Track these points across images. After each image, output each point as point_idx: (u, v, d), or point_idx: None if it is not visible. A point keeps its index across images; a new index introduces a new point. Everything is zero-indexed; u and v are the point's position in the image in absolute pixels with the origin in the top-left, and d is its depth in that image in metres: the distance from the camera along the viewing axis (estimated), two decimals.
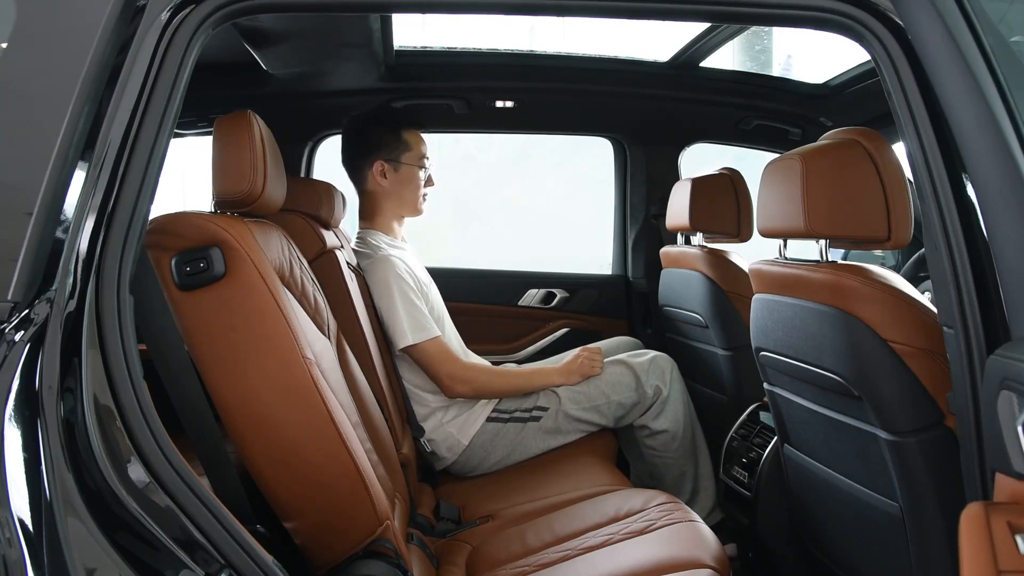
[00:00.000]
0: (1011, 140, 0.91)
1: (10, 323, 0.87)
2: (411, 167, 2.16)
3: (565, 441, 2.09)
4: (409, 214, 2.23)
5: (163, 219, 1.19)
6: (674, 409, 2.13)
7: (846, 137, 1.32)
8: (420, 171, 2.17)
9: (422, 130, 2.21)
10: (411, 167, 2.16)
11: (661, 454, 2.14)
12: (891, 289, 1.24)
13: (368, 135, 2.17)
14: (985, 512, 0.80)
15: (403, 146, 2.15)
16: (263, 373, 1.18)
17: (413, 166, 2.16)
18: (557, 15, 1.31)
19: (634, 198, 2.82)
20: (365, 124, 2.19)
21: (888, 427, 1.23)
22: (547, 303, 2.82)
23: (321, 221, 1.99)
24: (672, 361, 2.19)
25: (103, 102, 0.98)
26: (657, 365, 2.15)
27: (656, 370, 2.14)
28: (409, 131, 2.17)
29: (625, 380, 2.11)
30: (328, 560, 1.23)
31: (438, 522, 1.79)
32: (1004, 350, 0.90)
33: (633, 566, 1.40)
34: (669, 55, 2.43)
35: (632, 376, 2.12)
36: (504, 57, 2.51)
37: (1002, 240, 0.91)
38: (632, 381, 2.11)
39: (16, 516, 0.79)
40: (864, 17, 1.06)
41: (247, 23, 1.80)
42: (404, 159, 2.15)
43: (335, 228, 2.13)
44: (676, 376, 2.17)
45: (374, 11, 1.78)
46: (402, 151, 2.15)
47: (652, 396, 2.12)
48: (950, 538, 0.86)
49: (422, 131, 2.20)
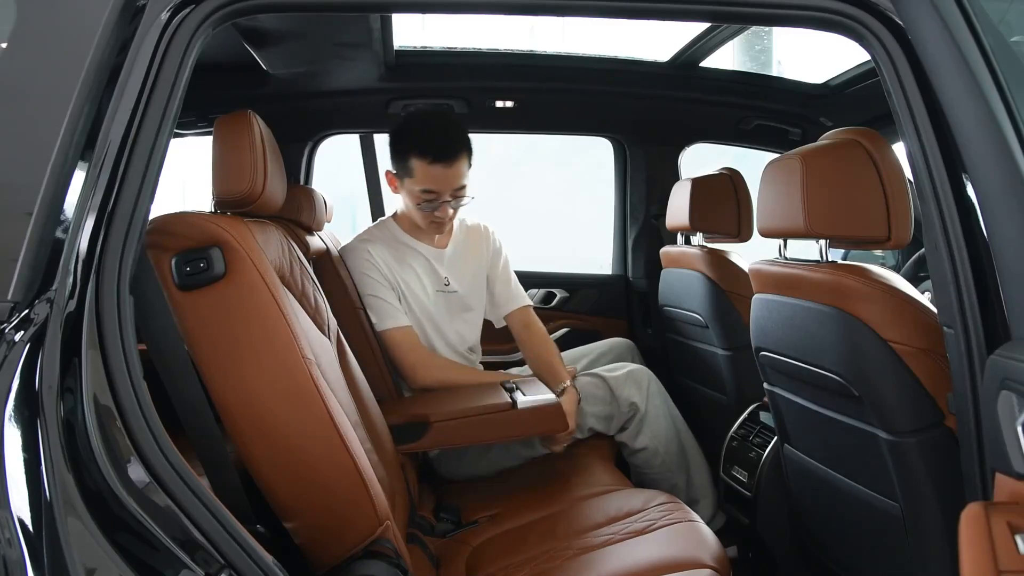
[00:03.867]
0: (1011, 140, 0.91)
1: (10, 323, 0.87)
2: (409, 193, 2.03)
3: (539, 453, 2.06)
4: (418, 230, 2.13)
5: (163, 219, 1.19)
6: (654, 425, 2.09)
7: (846, 137, 1.32)
8: (417, 203, 2.02)
9: (437, 164, 1.96)
10: (409, 193, 2.03)
11: (645, 470, 2.13)
12: (891, 289, 1.24)
13: (392, 137, 2.06)
14: (985, 512, 0.80)
15: (407, 171, 2.00)
16: (263, 373, 1.18)
17: (411, 193, 2.03)
18: (557, 15, 1.31)
19: (634, 198, 2.83)
20: (397, 125, 2.08)
21: (888, 427, 1.23)
22: (547, 303, 2.82)
23: (303, 226, 1.99)
24: (651, 374, 2.15)
25: (103, 102, 0.98)
26: (634, 379, 2.10)
27: (632, 384, 2.09)
28: (420, 160, 1.97)
29: (598, 392, 2.09)
30: (328, 560, 1.23)
31: (438, 522, 1.79)
32: (1004, 350, 0.90)
33: (633, 566, 1.40)
34: (669, 55, 2.43)
35: (606, 389, 2.09)
36: (504, 57, 2.51)
37: (1002, 240, 0.91)
38: (605, 394, 2.09)
39: (16, 516, 0.79)
40: (864, 17, 1.06)
41: (247, 23, 1.80)
42: (406, 183, 2.02)
43: (319, 232, 2.14)
44: (656, 390, 2.12)
45: (374, 11, 1.79)
46: (405, 175, 2.02)
47: (627, 411, 2.08)
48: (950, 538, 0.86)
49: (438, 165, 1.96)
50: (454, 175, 1.98)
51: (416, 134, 1.99)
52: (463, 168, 2.00)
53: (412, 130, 2.02)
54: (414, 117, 2.13)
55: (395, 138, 2.04)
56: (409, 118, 2.13)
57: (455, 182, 2.00)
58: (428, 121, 2.05)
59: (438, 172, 1.97)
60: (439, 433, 1.83)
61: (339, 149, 2.83)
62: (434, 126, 2.01)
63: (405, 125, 2.05)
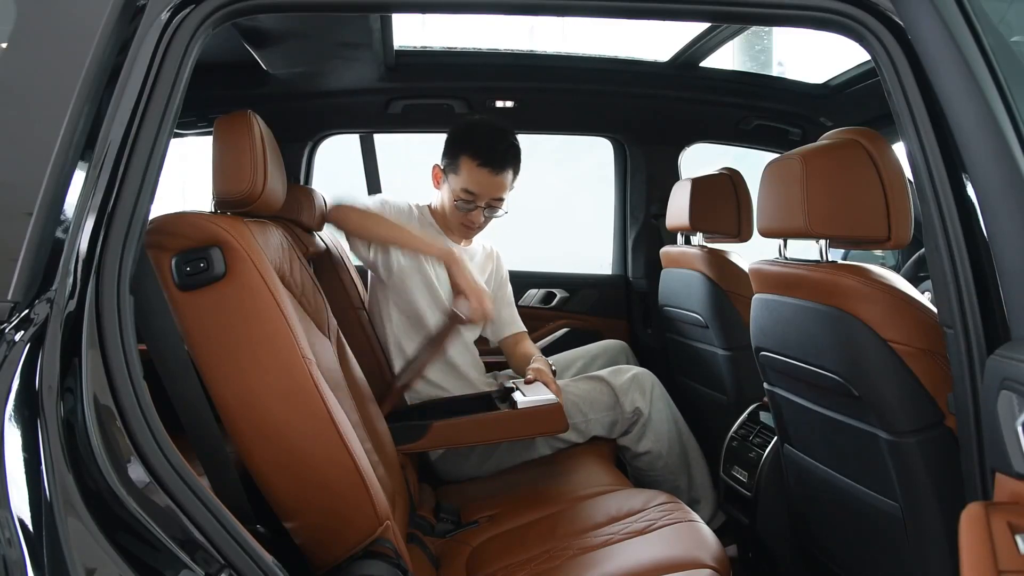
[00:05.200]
0: (1011, 140, 0.91)
1: (10, 323, 0.87)
2: (450, 190, 2.11)
3: (539, 454, 2.07)
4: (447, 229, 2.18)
5: (163, 219, 1.19)
6: (657, 429, 2.10)
7: (846, 137, 1.32)
8: (455, 202, 2.09)
9: (485, 168, 2.05)
10: (450, 190, 2.11)
11: (648, 472, 2.13)
12: (891, 289, 1.24)
13: (451, 134, 2.13)
14: (985, 512, 0.80)
15: (455, 168, 2.09)
16: (263, 373, 1.18)
17: (451, 191, 2.10)
18: (557, 15, 1.31)
19: (634, 198, 2.83)
20: (460, 124, 2.16)
21: (888, 427, 1.23)
22: (547, 303, 2.82)
23: (303, 226, 1.99)
24: (654, 378, 2.16)
25: (103, 102, 0.98)
26: (638, 383, 2.11)
27: (636, 388, 2.10)
28: (470, 160, 2.05)
29: (603, 399, 2.09)
30: (328, 560, 1.23)
31: (438, 522, 1.79)
32: (1004, 350, 0.90)
33: (633, 566, 1.40)
34: (669, 55, 2.43)
35: (610, 394, 2.09)
36: (504, 57, 2.51)
37: (1002, 240, 0.91)
38: (610, 400, 2.09)
39: (16, 516, 0.79)
40: (864, 17, 1.06)
41: (247, 23, 1.80)
42: (450, 180, 2.10)
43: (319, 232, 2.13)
44: (659, 393, 2.13)
45: (374, 11, 1.79)
46: (452, 171, 2.10)
47: (631, 416, 2.09)
48: (950, 538, 0.86)
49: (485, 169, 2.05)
50: (497, 184, 2.08)
51: (475, 136, 2.09)
52: (507, 180, 2.09)
53: (472, 131, 2.11)
54: (478, 122, 2.20)
55: (454, 135, 2.12)
56: (473, 121, 2.20)
57: (496, 191, 2.08)
58: (489, 129, 2.13)
59: (483, 176, 2.06)
60: (439, 433, 1.83)
61: (339, 149, 2.83)
62: (493, 135, 2.10)
63: (467, 126, 2.14)
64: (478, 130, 2.12)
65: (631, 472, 2.16)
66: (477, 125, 2.16)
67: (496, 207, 2.12)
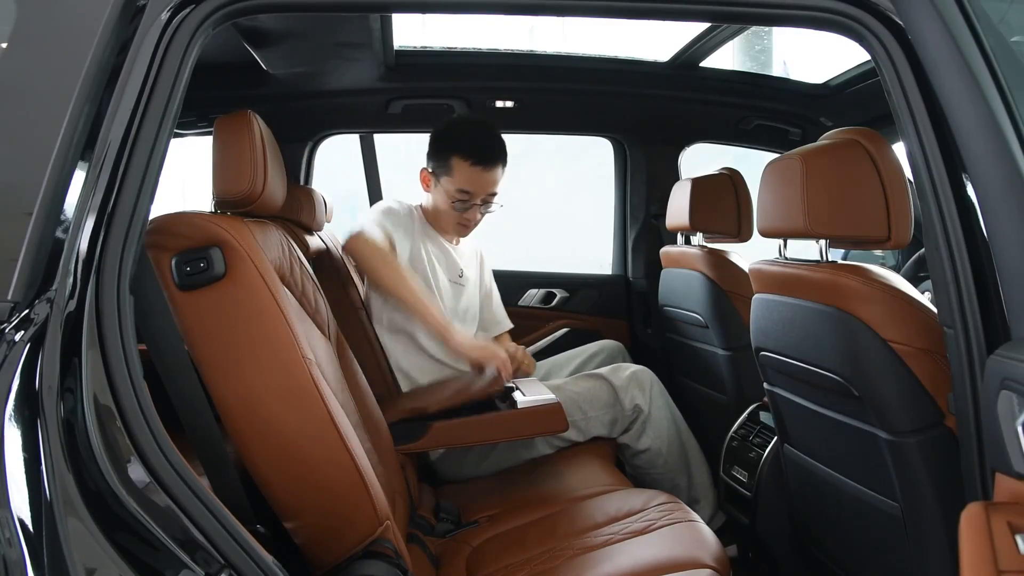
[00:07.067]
0: (1011, 140, 0.91)
1: (10, 323, 0.87)
2: (444, 192, 2.10)
3: (539, 454, 2.07)
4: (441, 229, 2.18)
5: (163, 219, 1.19)
6: (657, 426, 2.10)
7: (846, 137, 1.32)
8: (452, 203, 2.09)
9: (478, 166, 2.06)
10: (444, 192, 2.10)
11: (647, 471, 2.13)
12: (891, 289, 1.24)
13: (435, 137, 2.13)
14: (985, 512, 0.80)
15: (446, 169, 2.08)
16: (263, 373, 1.18)
17: (446, 192, 2.09)
18: (557, 15, 1.31)
19: (634, 198, 2.83)
20: (442, 126, 2.15)
21: (888, 427, 1.23)
22: (547, 303, 2.82)
23: (303, 226, 1.99)
24: (653, 376, 2.16)
25: (103, 102, 0.98)
26: (637, 380, 2.11)
27: (636, 386, 2.10)
28: (462, 161, 2.05)
29: (603, 396, 2.09)
30: (328, 560, 1.23)
31: (438, 522, 1.79)
32: (1004, 350, 0.90)
33: (633, 566, 1.40)
34: (669, 55, 2.43)
35: (610, 392, 2.09)
36: (504, 57, 2.51)
37: (1002, 240, 0.91)
38: (610, 397, 2.09)
39: (16, 516, 0.79)
40: (864, 17, 1.06)
41: (247, 23, 1.80)
42: (443, 182, 2.09)
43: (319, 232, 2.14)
44: (658, 391, 2.13)
45: (374, 11, 1.79)
46: (443, 173, 2.08)
47: (631, 413, 2.09)
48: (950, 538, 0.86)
49: (478, 167, 2.06)
50: (491, 180, 2.09)
51: (462, 136, 2.09)
52: (499, 175, 2.11)
53: (458, 132, 2.11)
54: (460, 120, 2.21)
55: (438, 137, 2.12)
56: (455, 121, 2.21)
57: (490, 187, 2.10)
58: (474, 126, 2.14)
59: (477, 174, 2.06)
60: (439, 433, 1.83)
61: (339, 149, 2.83)
62: (480, 131, 2.11)
63: (451, 126, 2.14)
64: (463, 129, 2.12)
65: (631, 471, 2.16)
66: (460, 124, 2.17)
67: (491, 202, 2.14)
